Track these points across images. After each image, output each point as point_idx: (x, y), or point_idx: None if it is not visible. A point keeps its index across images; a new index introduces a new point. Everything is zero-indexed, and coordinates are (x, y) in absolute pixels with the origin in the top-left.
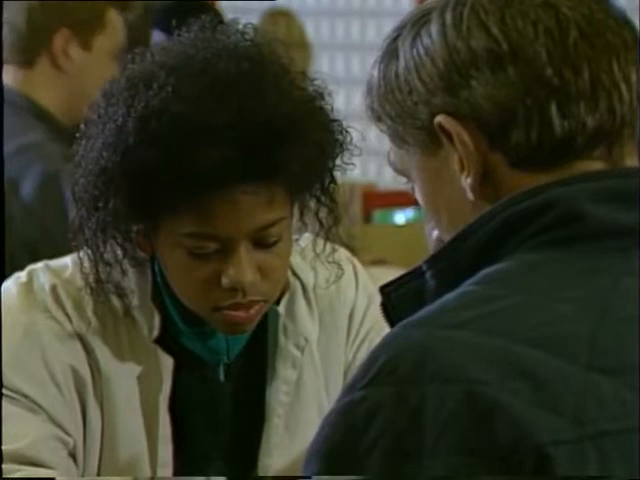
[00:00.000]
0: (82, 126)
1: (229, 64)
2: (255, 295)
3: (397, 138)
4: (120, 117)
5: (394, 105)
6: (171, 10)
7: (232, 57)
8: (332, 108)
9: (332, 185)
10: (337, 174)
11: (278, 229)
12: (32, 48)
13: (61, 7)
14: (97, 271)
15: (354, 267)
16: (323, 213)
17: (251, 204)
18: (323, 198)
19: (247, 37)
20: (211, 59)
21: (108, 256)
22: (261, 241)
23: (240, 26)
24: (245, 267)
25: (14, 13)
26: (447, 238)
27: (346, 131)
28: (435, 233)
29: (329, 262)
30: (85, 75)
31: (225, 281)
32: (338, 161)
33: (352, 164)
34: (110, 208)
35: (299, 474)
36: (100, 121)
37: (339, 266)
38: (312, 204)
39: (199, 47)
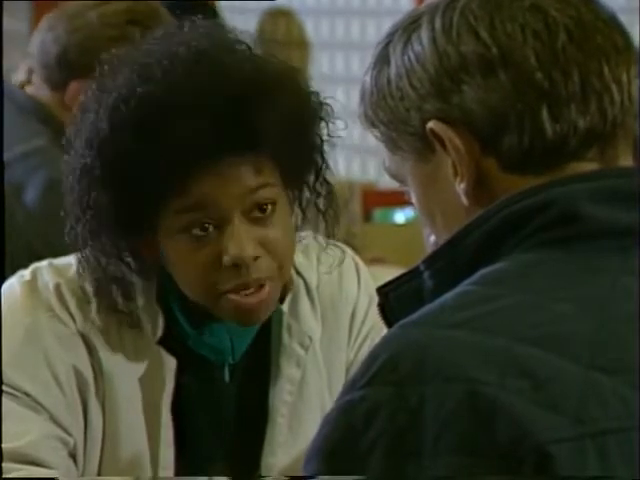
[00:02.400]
0: (64, 141)
1: (189, 46)
2: (259, 272)
3: (391, 144)
4: (93, 113)
5: (387, 112)
6: (170, 10)
7: (192, 41)
8: (309, 79)
9: (325, 168)
10: (330, 167)
11: (268, 193)
12: (55, 79)
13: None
14: (97, 275)
15: (356, 265)
16: (322, 205)
17: (236, 173)
18: (318, 186)
19: (206, 30)
20: (172, 47)
21: (109, 258)
22: (254, 209)
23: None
24: (243, 240)
25: (59, 35)
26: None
27: (325, 102)
28: (432, 238)
29: (332, 246)
30: None
31: (226, 259)
32: (324, 135)
33: (339, 137)
34: (100, 207)
35: (302, 474)
36: (78, 127)
37: (342, 251)
38: (308, 194)
39: (161, 42)
